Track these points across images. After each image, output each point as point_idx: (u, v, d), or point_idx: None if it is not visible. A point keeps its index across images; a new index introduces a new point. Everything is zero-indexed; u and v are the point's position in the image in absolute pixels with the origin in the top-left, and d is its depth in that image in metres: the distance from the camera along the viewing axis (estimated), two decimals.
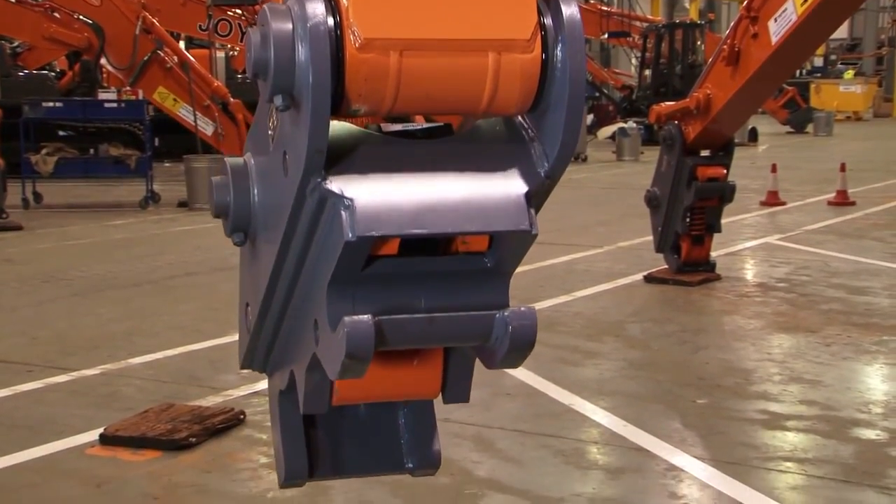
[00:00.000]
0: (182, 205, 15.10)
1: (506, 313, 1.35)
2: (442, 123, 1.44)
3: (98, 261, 10.64)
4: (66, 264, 10.43)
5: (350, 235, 1.26)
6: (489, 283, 1.38)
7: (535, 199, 1.34)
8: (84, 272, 9.99)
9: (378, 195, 1.28)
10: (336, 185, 1.28)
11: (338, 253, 1.28)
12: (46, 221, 13.75)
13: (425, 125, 1.45)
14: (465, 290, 1.38)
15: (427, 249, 1.38)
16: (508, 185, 1.33)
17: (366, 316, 1.28)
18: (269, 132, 1.43)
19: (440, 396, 1.54)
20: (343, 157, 1.31)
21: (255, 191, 1.50)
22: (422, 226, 1.28)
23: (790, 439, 5.31)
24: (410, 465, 1.65)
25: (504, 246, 1.36)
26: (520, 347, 1.35)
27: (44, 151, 15.46)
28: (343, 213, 1.27)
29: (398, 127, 1.42)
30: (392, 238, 1.30)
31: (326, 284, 1.33)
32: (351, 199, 1.27)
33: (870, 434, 5.38)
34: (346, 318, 1.27)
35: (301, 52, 1.24)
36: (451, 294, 1.37)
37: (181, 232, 12.90)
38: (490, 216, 1.31)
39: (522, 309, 1.36)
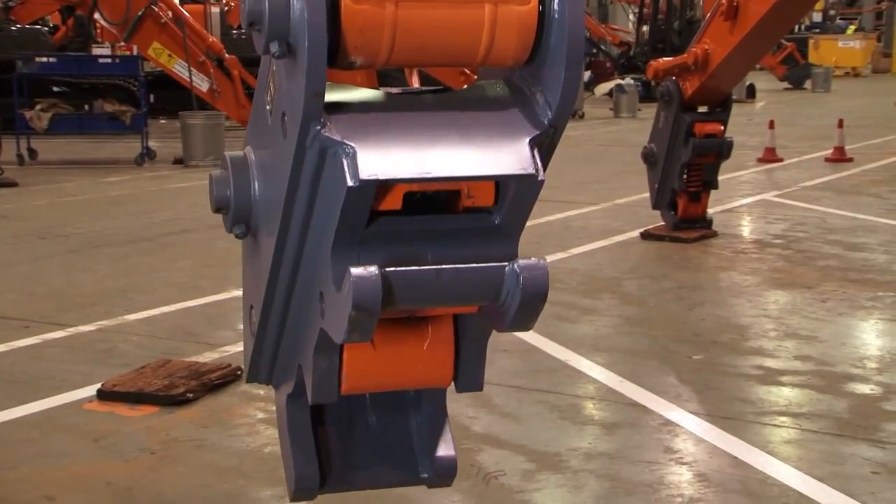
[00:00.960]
0: (178, 162, 15.05)
1: (516, 265, 1.32)
2: (442, 87, 1.42)
3: (94, 217, 10.61)
4: (62, 221, 10.41)
5: (352, 181, 1.23)
6: (498, 239, 1.36)
7: (540, 147, 1.32)
8: (80, 229, 9.97)
9: (380, 141, 1.26)
10: (336, 132, 1.26)
11: (340, 203, 1.26)
12: (41, 178, 13.71)
13: (425, 88, 1.43)
14: (473, 246, 1.35)
15: (431, 208, 1.36)
16: (513, 131, 1.30)
17: (372, 266, 1.25)
18: (267, 107, 1.41)
19: (452, 386, 1.50)
20: (343, 107, 1.29)
21: (256, 185, 1.47)
22: (426, 171, 1.26)
23: (785, 394, 5.34)
24: (426, 475, 1.60)
25: (510, 197, 1.33)
26: (532, 301, 1.32)
27: (38, 107, 15.38)
28: (344, 159, 1.24)
29: (398, 91, 1.40)
30: (395, 184, 1.27)
31: (330, 248, 1.31)
32: (352, 146, 1.24)
33: (864, 389, 5.41)
34: (352, 269, 1.24)
35: (296, 2, 1.23)
36: (459, 249, 1.34)
37: (177, 189, 12.87)
38: (495, 161, 1.28)
39: (532, 260, 1.33)
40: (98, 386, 5.25)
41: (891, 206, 11.15)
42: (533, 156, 1.29)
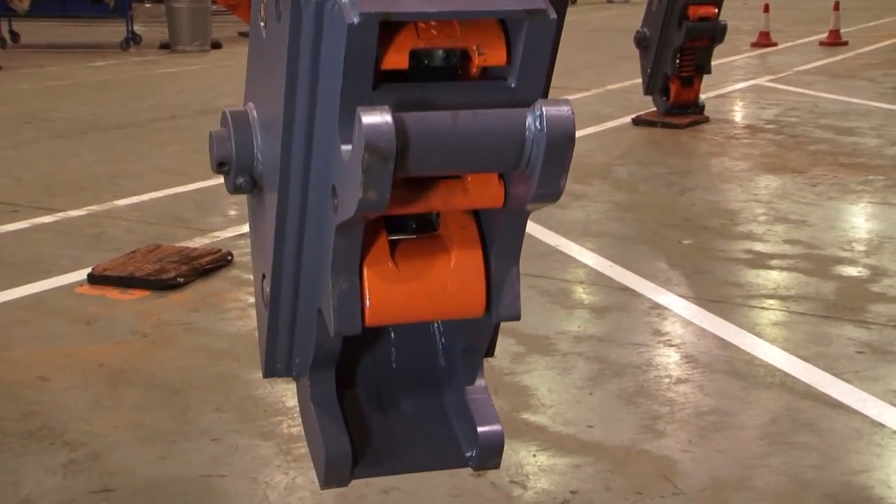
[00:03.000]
0: (164, 47, 14.82)
1: (537, 106, 1.23)
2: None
3: (80, 102, 10.49)
4: (48, 105, 10.29)
5: (353, 16, 1.19)
6: (516, 98, 1.27)
7: None
8: (66, 114, 9.86)
9: None
10: None
11: (342, 50, 1.21)
12: (25, 61, 13.49)
13: None
14: (491, 102, 1.25)
15: (439, 75, 1.29)
16: None
17: (383, 106, 1.17)
18: (261, 23, 1.35)
19: (487, 315, 1.38)
20: None
21: (259, 141, 1.40)
22: (429, 6, 1.21)
23: (773, 277, 5.37)
24: (469, 455, 1.46)
25: (522, 46, 1.25)
26: (559, 143, 1.21)
27: None
28: (344, 2, 1.20)
29: None
30: (397, 17, 1.22)
31: (338, 126, 1.23)
32: None
33: (852, 271, 5.45)
34: (360, 109, 1.16)
35: None
36: (476, 101, 1.25)
37: (164, 74, 12.70)
38: (502, 1, 1.22)
39: (554, 100, 1.24)
40: (88, 270, 5.25)
41: (884, 89, 11.07)
42: None
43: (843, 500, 3.25)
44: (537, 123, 1.22)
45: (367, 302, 1.32)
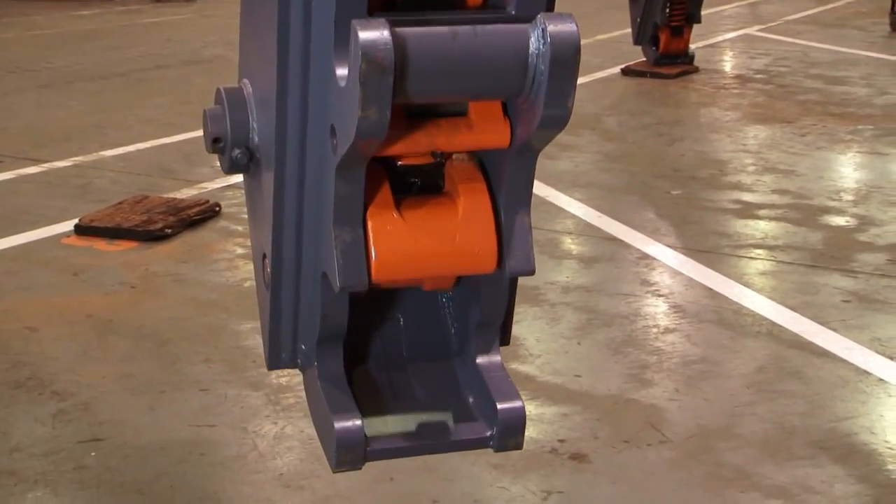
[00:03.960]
0: None
1: (539, 21, 1.17)
2: None
3: (65, 52, 10.39)
4: (32, 55, 10.19)
5: None
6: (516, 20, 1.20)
7: None
8: (51, 63, 9.77)
9: None
10: None
11: None
12: (7, 10, 13.34)
13: None
14: (491, 21, 1.19)
15: (437, 5, 1.23)
16: None
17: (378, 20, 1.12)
18: None
19: (499, 270, 1.31)
20: None
21: (255, 115, 1.35)
22: None
23: (762, 227, 5.38)
24: (489, 434, 1.37)
25: None
26: (564, 58, 1.16)
27: None
28: None
29: None
30: None
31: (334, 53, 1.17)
32: None
33: (839, 221, 5.46)
34: (355, 21, 1.11)
35: None
36: (476, 19, 1.19)
37: (150, 24, 12.57)
38: None
39: (556, 14, 1.19)
40: (75, 221, 5.23)
41: (874, 38, 11.03)
42: None
43: (828, 446, 3.28)
44: (540, 37, 1.17)
45: (373, 254, 1.26)
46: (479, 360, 1.41)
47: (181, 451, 3.27)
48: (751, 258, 4.95)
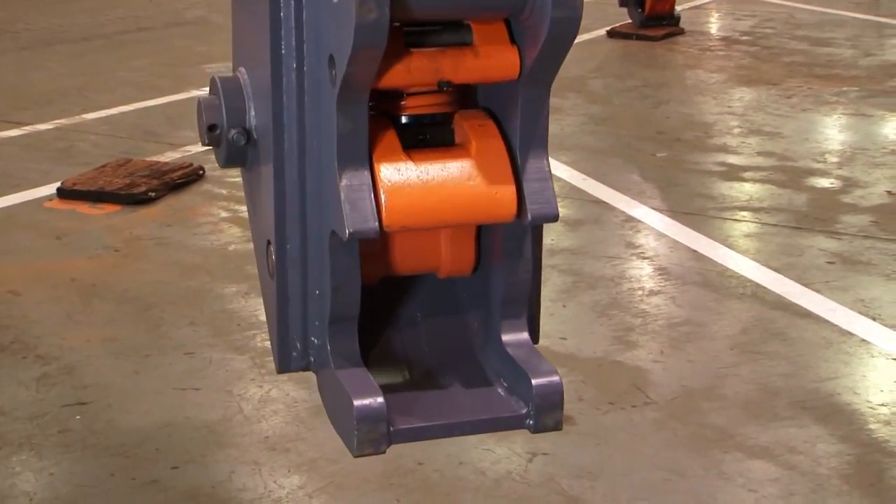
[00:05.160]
0: None
1: None
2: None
3: (45, 13, 10.27)
4: (11, 16, 10.06)
5: None
6: None
7: None
8: (31, 25, 9.66)
9: None
10: None
11: None
12: None
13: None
14: None
15: None
16: None
17: None
18: None
19: (519, 218, 1.22)
20: None
21: (252, 108, 1.30)
22: None
23: (747, 189, 5.39)
24: (525, 412, 1.26)
25: None
26: None
27: None
28: None
29: None
30: None
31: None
32: None
33: (824, 182, 5.47)
34: None
35: None
36: None
37: None
38: None
39: None
40: (58, 184, 5.19)
41: None
42: None
43: (811, 406, 3.30)
44: None
45: (383, 197, 1.17)
46: (506, 338, 1.31)
47: (166, 414, 3.27)
48: (735, 220, 4.96)
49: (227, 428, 3.19)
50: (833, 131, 6.60)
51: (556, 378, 1.27)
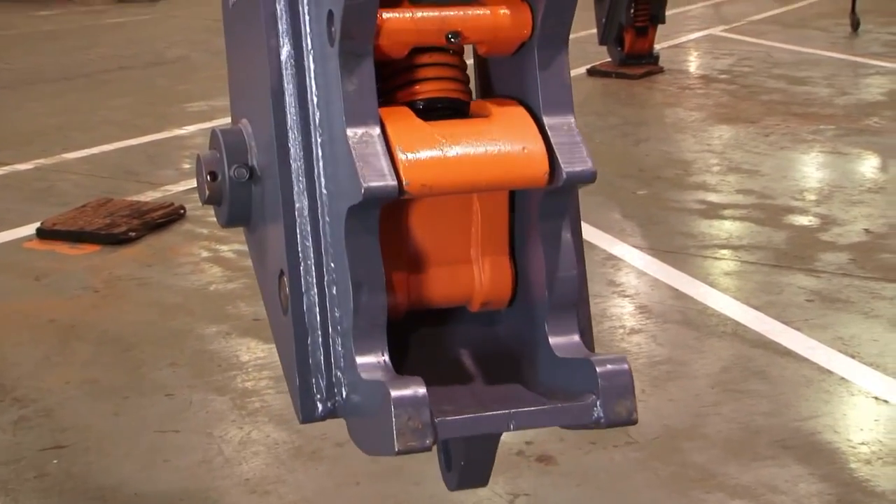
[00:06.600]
0: None
1: None
2: None
3: (25, 53, 10.28)
4: None
5: None
6: None
7: None
8: (11, 64, 9.66)
9: None
10: None
11: None
12: None
13: None
14: None
15: None
16: None
17: None
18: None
19: (553, 181, 1.12)
20: None
21: (255, 157, 1.22)
22: None
23: (726, 227, 5.41)
24: (592, 399, 1.08)
25: None
26: None
27: None
28: None
29: None
30: None
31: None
32: None
33: (803, 220, 5.50)
34: None
35: None
36: None
37: (113, 24, 12.46)
38: None
39: None
40: (37, 224, 5.17)
41: (835, 38, 11.13)
42: None
43: (792, 445, 3.31)
44: None
45: (399, 151, 1.04)
46: (554, 341, 1.15)
47: (145, 457, 3.24)
48: (716, 258, 4.98)
49: (207, 471, 3.17)
50: (811, 169, 6.66)
51: (625, 366, 1.08)
